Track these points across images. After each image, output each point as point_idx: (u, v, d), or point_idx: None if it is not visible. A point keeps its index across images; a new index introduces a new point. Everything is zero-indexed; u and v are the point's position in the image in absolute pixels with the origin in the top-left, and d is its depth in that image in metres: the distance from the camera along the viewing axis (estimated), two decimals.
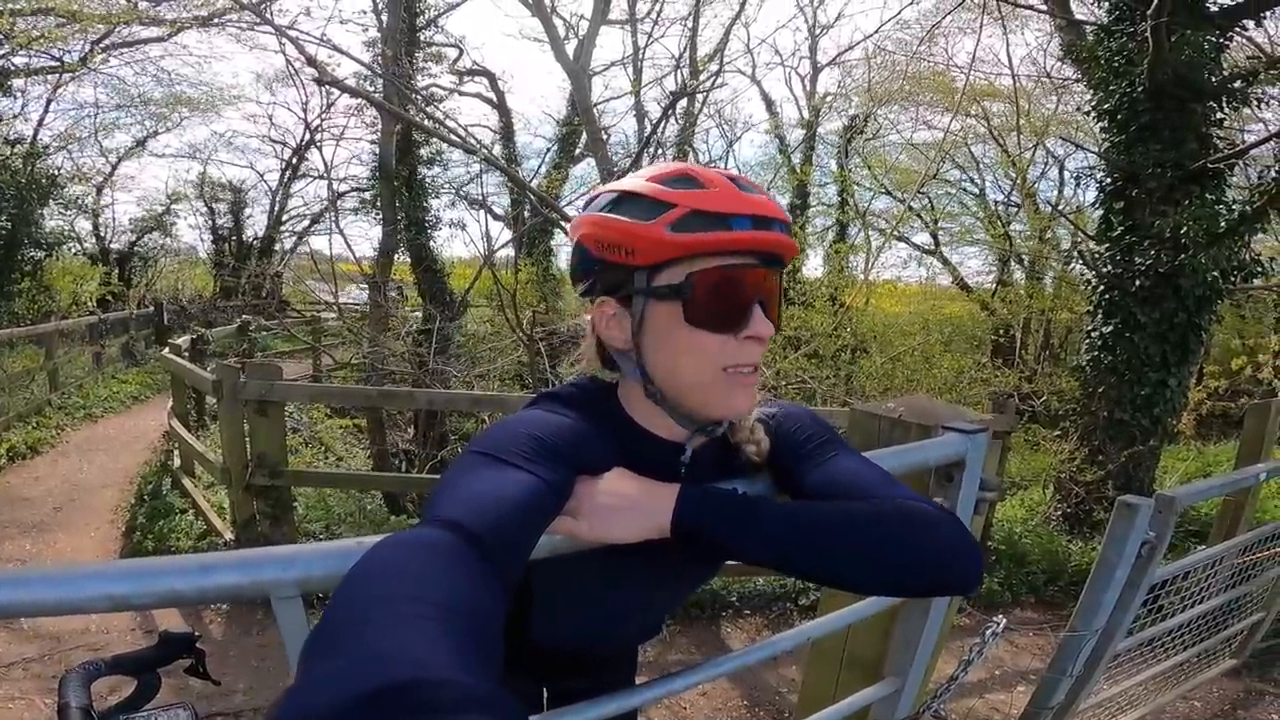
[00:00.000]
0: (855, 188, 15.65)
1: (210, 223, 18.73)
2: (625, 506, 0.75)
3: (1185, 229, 4.79)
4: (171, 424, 5.51)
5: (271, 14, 6.96)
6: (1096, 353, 5.52)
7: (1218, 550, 2.71)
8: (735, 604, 4.03)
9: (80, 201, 15.05)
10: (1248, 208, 4.87)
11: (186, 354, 7.10)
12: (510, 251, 10.95)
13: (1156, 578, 2.24)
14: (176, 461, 5.45)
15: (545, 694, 1.19)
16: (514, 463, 0.70)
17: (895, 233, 13.63)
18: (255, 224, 19.43)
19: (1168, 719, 3.10)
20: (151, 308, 13.73)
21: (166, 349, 6.72)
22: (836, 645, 1.71)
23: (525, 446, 0.72)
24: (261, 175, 19.36)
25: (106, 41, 12.04)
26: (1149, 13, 4.45)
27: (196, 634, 1.11)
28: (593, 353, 0.91)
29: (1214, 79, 4.96)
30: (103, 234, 16.46)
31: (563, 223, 7.99)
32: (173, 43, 12.96)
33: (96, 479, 5.85)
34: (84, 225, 15.96)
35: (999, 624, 1.69)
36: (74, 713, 0.93)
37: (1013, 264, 14.86)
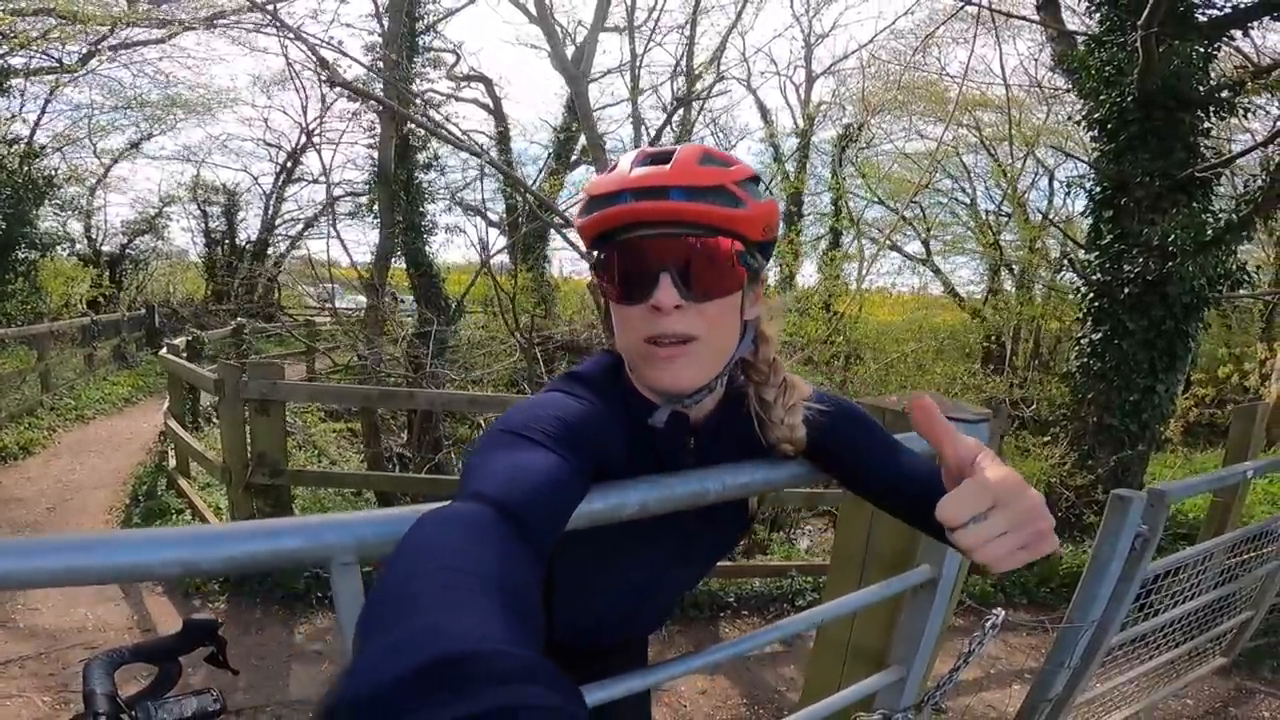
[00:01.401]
0: (849, 196, 15.79)
1: (203, 225, 18.64)
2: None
3: (1173, 237, 4.88)
4: (169, 423, 5.50)
5: (279, 17, 6.99)
6: (1086, 359, 5.59)
7: (1207, 547, 2.76)
8: (733, 604, 4.07)
9: (74, 203, 14.98)
10: (1234, 216, 4.96)
11: (183, 355, 7.09)
12: (506, 258, 10.98)
13: (1148, 573, 2.29)
14: (172, 462, 5.44)
15: None
16: (543, 443, 0.72)
17: (888, 241, 13.76)
18: (249, 227, 19.39)
19: (1160, 716, 3.15)
20: (143, 310, 13.66)
21: (164, 349, 6.71)
22: (842, 635, 1.75)
23: (552, 428, 0.75)
24: (256, 179, 19.34)
25: (106, 43, 12.02)
26: (1139, 22, 4.52)
27: (219, 622, 1.13)
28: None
29: (1202, 89, 5.06)
30: (94, 236, 16.37)
31: (562, 228, 8.02)
32: (171, 44, 12.96)
33: (89, 479, 5.82)
34: (75, 227, 15.88)
35: (998, 615, 1.73)
36: (100, 699, 0.95)
37: (1003, 273, 15.01)
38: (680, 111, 12.22)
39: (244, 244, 19.03)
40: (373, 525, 0.70)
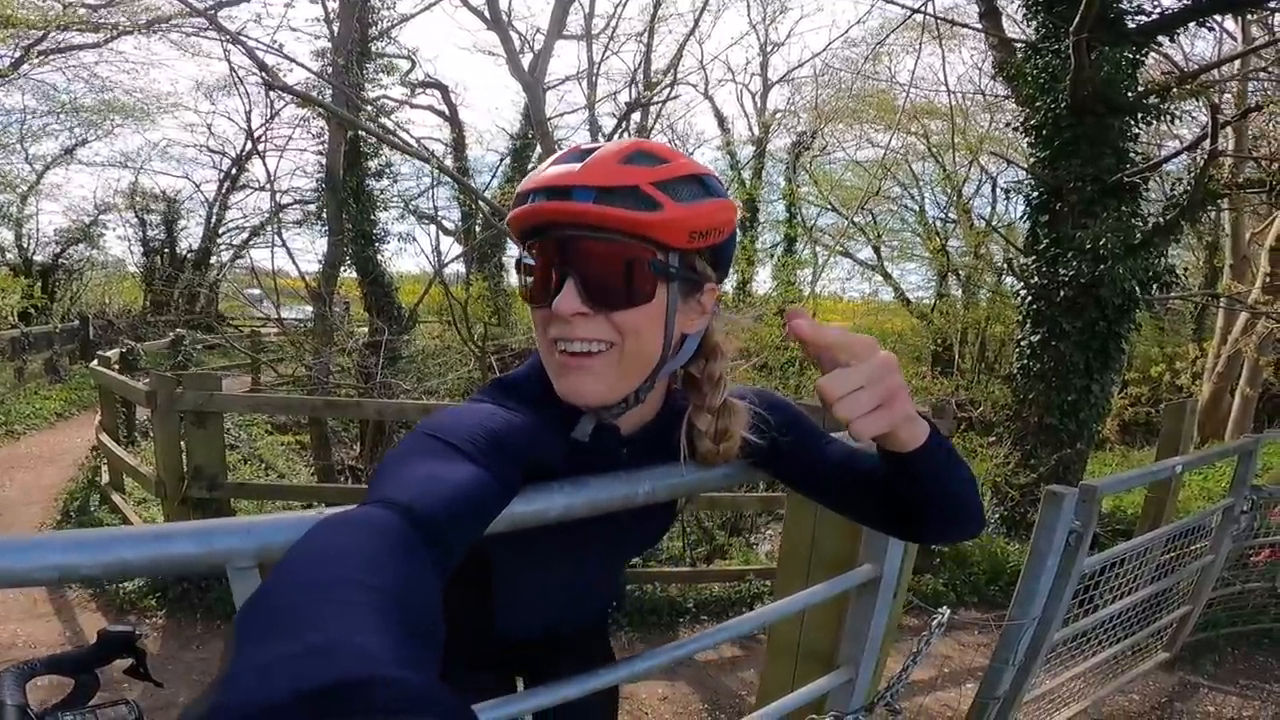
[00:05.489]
0: (802, 203, 16.05)
1: (141, 234, 17.94)
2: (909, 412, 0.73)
3: (1104, 241, 5.05)
4: (100, 438, 5.26)
5: (219, 21, 6.77)
6: (1026, 361, 5.75)
7: (1142, 541, 2.85)
8: (692, 610, 4.06)
9: (4, 210, 14.30)
10: (1162, 220, 5.16)
11: (116, 368, 6.80)
12: (460, 267, 10.86)
13: (1086, 567, 2.35)
14: (105, 477, 5.22)
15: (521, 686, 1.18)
16: (466, 452, 0.68)
17: (840, 248, 14.02)
18: (190, 236, 18.76)
19: (1108, 712, 3.20)
20: (76, 322, 13.12)
21: (95, 362, 6.42)
22: (792, 636, 1.75)
23: (478, 437, 0.71)
24: (198, 186, 18.72)
25: (39, 47, 11.50)
26: (1071, 29, 4.69)
27: (137, 633, 1.07)
28: None
29: (1131, 95, 5.22)
30: (26, 245, 15.66)
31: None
32: (108, 49, 12.46)
33: (19, 496, 5.57)
34: (5, 235, 15.20)
35: (944, 614, 1.75)
36: (10, 711, 0.89)
37: (950, 278, 15.43)
38: (636, 116, 12.30)
39: (185, 253, 18.39)
40: (276, 530, 0.66)
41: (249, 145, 16.28)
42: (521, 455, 0.75)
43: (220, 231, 18.83)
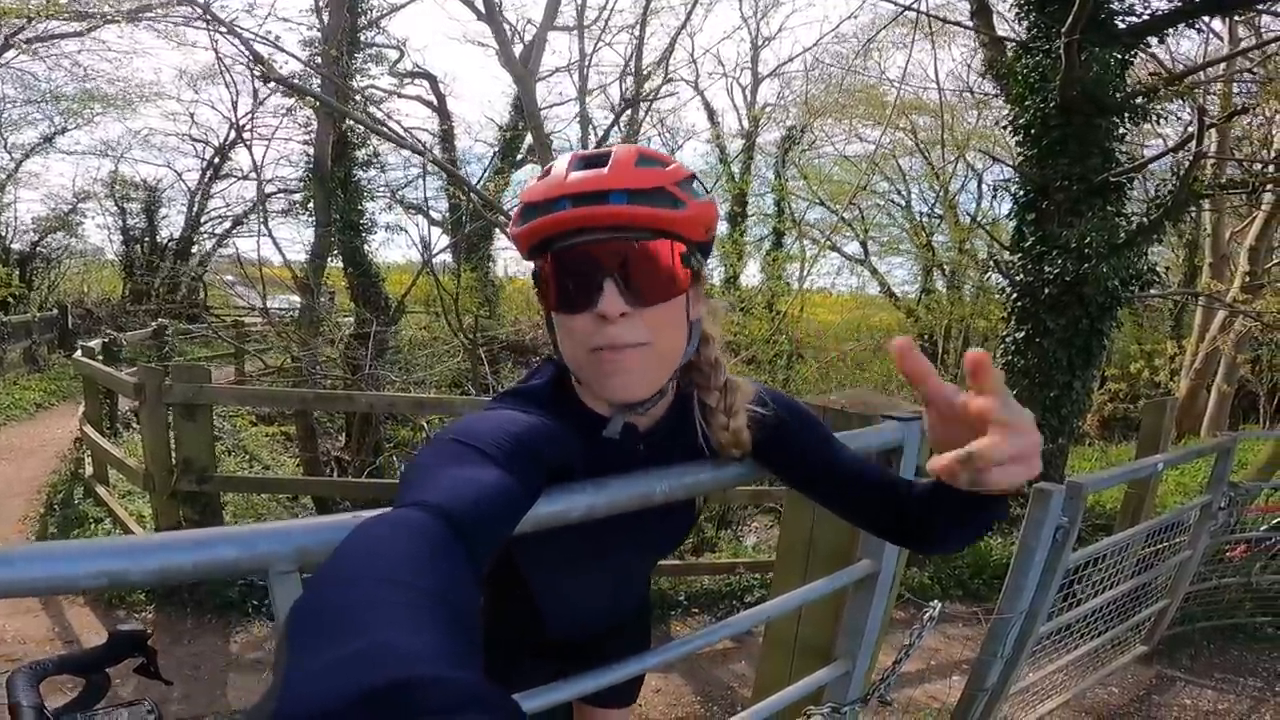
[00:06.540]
0: (791, 198, 16.09)
1: (121, 223, 17.67)
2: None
3: (1089, 239, 5.12)
4: (84, 430, 5.20)
5: (213, 11, 6.66)
6: (1010, 357, 5.81)
7: (1123, 537, 2.91)
8: (683, 603, 4.11)
9: None
10: (1146, 219, 5.24)
11: (100, 359, 6.71)
12: (448, 257, 10.79)
13: (1071, 563, 2.41)
14: (89, 469, 5.16)
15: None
16: (491, 455, 0.69)
17: (828, 242, 14.09)
18: (172, 225, 18.49)
19: (1089, 705, 3.27)
20: (55, 311, 12.92)
21: (79, 352, 6.34)
22: (789, 630, 1.78)
23: (502, 441, 0.72)
24: (180, 175, 18.43)
25: (22, 35, 11.24)
26: (1063, 30, 4.74)
27: (148, 631, 1.08)
28: None
29: (1119, 95, 5.27)
30: (3, 233, 15.39)
31: (506, 227, 7.92)
32: (91, 37, 12.20)
33: (1, 488, 5.49)
34: None
35: (935, 608, 1.80)
36: (26, 712, 0.90)
37: (936, 273, 15.55)
38: (628, 112, 12.27)
39: (166, 242, 18.13)
40: (312, 533, 0.67)
41: (233, 134, 16.06)
42: (543, 457, 0.77)
43: (202, 220, 18.59)
